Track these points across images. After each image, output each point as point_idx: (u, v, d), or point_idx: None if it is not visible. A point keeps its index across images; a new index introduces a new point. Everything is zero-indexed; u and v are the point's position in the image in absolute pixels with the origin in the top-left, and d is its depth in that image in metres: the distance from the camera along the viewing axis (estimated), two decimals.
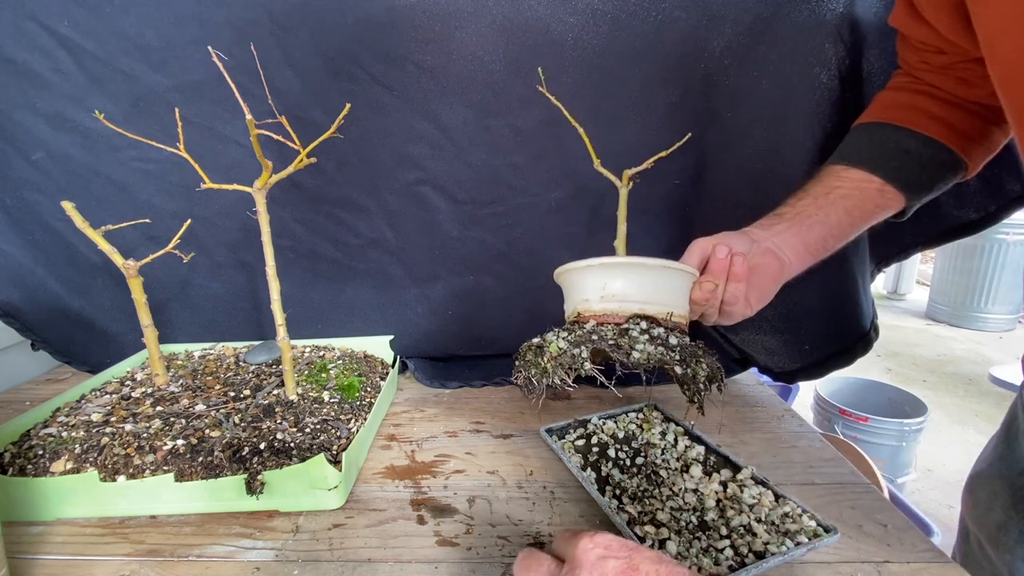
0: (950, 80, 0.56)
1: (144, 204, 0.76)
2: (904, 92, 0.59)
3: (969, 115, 0.56)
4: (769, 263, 0.53)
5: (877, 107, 0.61)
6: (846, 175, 0.57)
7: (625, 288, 0.49)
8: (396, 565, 0.46)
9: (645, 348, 0.46)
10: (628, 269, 0.49)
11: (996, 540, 0.59)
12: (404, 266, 0.82)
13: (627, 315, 0.49)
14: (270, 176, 0.58)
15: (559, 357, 0.47)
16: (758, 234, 0.55)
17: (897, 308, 4.04)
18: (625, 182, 0.58)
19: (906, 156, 0.56)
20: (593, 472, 0.56)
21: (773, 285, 0.53)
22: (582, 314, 0.51)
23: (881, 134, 0.59)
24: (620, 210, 0.57)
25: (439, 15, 0.67)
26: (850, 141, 0.61)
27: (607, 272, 0.50)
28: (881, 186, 0.56)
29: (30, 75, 0.69)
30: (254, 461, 0.54)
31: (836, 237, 0.56)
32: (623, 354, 0.45)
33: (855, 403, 1.86)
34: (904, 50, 0.59)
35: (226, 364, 0.76)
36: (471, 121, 0.72)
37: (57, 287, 0.81)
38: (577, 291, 0.52)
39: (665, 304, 0.49)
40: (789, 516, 0.50)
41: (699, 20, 0.66)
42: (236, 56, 0.61)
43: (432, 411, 0.75)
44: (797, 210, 0.57)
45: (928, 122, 0.56)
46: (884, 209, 0.57)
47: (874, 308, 0.78)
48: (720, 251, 0.51)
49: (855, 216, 0.56)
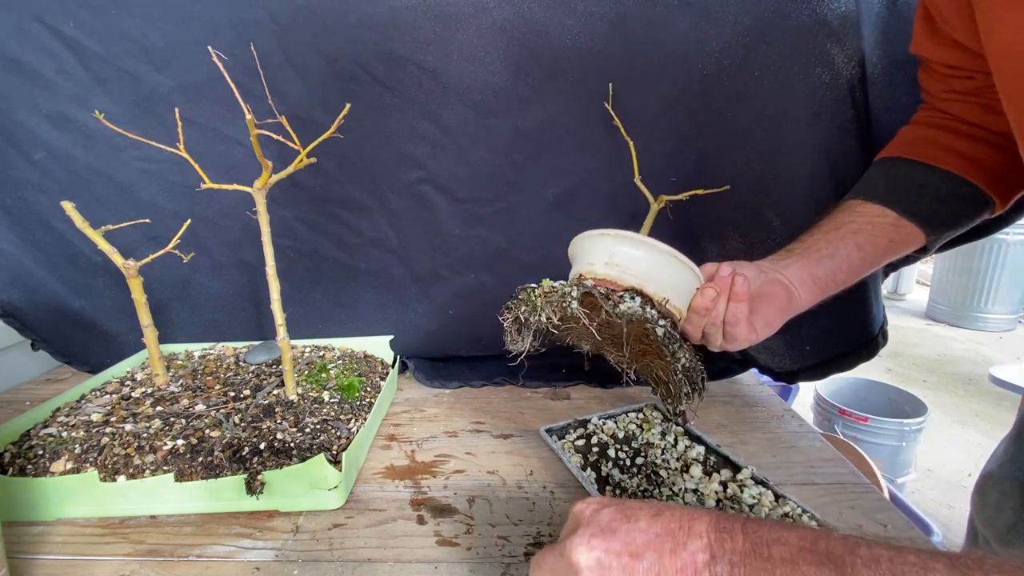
0: (976, 109, 0.54)
1: (145, 204, 0.76)
2: (925, 127, 0.59)
3: (994, 149, 0.55)
4: (777, 292, 0.53)
5: (899, 142, 0.60)
6: (860, 210, 0.57)
7: (629, 260, 0.50)
8: (396, 565, 0.46)
9: (633, 305, 0.47)
10: (638, 244, 0.51)
11: (1006, 541, 0.59)
12: (405, 265, 0.82)
13: (625, 285, 0.50)
14: (270, 176, 0.58)
15: (549, 293, 0.48)
16: (767, 266, 0.55)
17: (897, 308, 4.04)
18: (659, 202, 0.64)
19: (923, 191, 0.55)
20: (593, 472, 0.56)
21: (780, 315, 0.53)
22: (584, 275, 0.52)
23: (898, 169, 0.58)
24: (647, 221, 0.63)
25: (440, 16, 0.67)
26: (868, 176, 0.60)
27: (618, 241, 0.51)
28: (896, 220, 0.55)
29: (33, 75, 0.69)
30: (254, 461, 0.54)
31: (847, 271, 0.56)
32: (611, 304, 0.46)
33: (855, 403, 1.86)
34: (928, 80, 0.58)
35: (226, 364, 0.76)
36: (472, 121, 0.72)
37: (57, 287, 0.81)
38: (585, 255, 0.53)
39: (664, 289, 0.50)
40: (789, 516, 0.50)
41: (698, 21, 0.66)
42: (238, 56, 0.61)
43: (432, 411, 0.75)
44: (807, 245, 0.56)
45: (947, 156, 0.55)
46: (901, 244, 0.56)
47: (884, 314, 0.78)
48: (724, 269, 0.52)
49: (867, 251, 0.55)
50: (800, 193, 0.72)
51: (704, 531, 0.31)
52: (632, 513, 0.33)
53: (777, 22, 0.66)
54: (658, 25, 0.67)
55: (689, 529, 0.31)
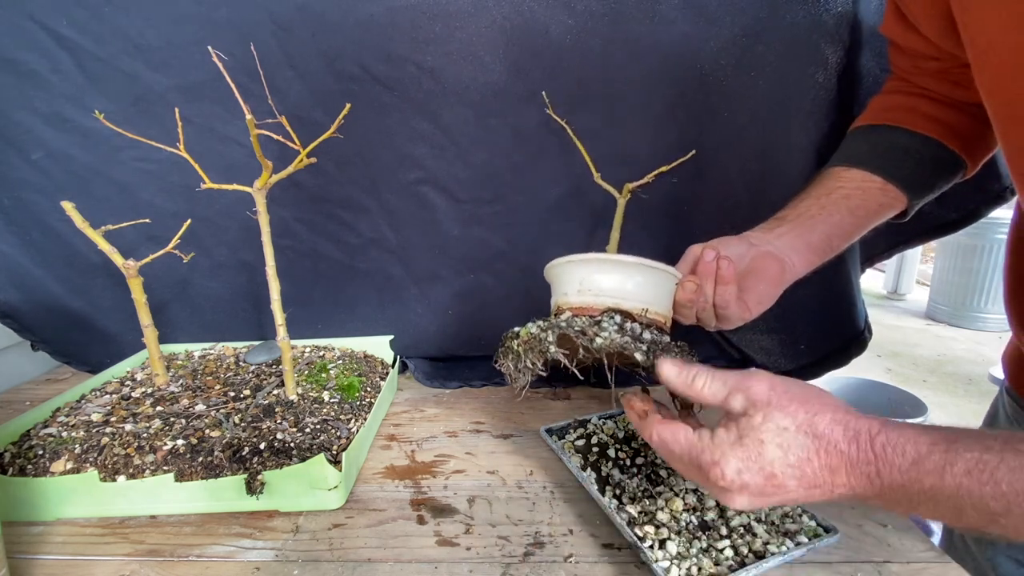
0: (944, 84, 0.56)
1: (144, 204, 0.76)
2: (899, 95, 0.59)
3: (965, 115, 0.56)
4: (768, 266, 0.53)
5: (873, 110, 0.61)
6: (847, 175, 0.57)
7: (602, 282, 0.51)
8: (396, 565, 0.46)
9: (610, 335, 0.47)
10: (604, 264, 0.51)
11: (979, 537, 0.59)
12: (404, 265, 0.82)
13: (602, 308, 0.50)
14: (270, 176, 0.58)
15: (529, 341, 0.49)
16: (758, 237, 0.55)
17: (897, 308, 4.04)
18: (624, 194, 0.61)
19: (905, 155, 0.56)
20: (593, 472, 0.56)
21: (774, 288, 0.53)
22: (560, 307, 0.53)
23: (879, 135, 0.59)
24: (616, 219, 0.60)
25: (440, 16, 0.67)
26: (848, 143, 0.61)
27: (586, 267, 0.51)
28: (883, 185, 0.56)
29: (30, 75, 0.69)
30: (254, 461, 0.54)
31: (841, 236, 0.56)
32: (587, 340, 0.47)
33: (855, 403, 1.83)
34: (896, 56, 0.59)
35: (226, 364, 0.76)
36: (471, 121, 0.72)
37: (57, 287, 0.81)
38: (559, 285, 0.54)
39: (641, 301, 0.50)
40: (789, 516, 0.50)
41: (697, 21, 0.66)
42: (237, 56, 0.61)
43: (432, 411, 0.75)
44: (799, 211, 0.56)
45: (925, 122, 0.56)
46: (887, 208, 0.57)
47: (865, 307, 0.79)
48: (707, 254, 0.51)
49: (859, 215, 0.56)
50: (795, 192, 0.72)
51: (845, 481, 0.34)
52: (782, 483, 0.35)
53: (774, 22, 0.66)
54: (658, 24, 0.67)
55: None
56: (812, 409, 0.35)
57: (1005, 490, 0.29)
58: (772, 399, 0.36)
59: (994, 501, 0.29)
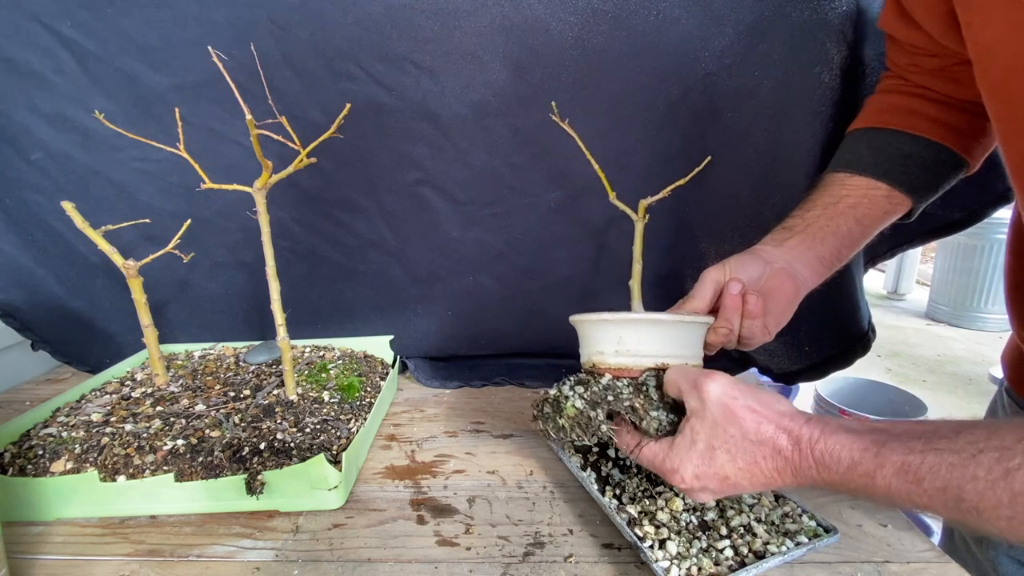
0: (942, 82, 0.55)
1: (144, 204, 0.76)
2: (897, 95, 0.59)
3: (965, 114, 0.55)
4: (784, 286, 0.53)
5: (871, 111, 0.61)
6: (851, 183, 0.57)
7: (639, 343, 0.49)
8: (396, 565, 0.46)
9: (658, 416, 0.46)
10: (641, 325, 0.50)
11: (980, 537, 0.59)
12: (403, 267, 0.82)
13: (642, 369, 0.49)
14: (270, 176, 0.58)
15: (576, 418, 0.48)
16: (770, 252, 0.54)
17: (897, 308, 4.04)
18: (641, 214, 0.56)
19: (909, 161, 0.56)
20: (593, 472, 0.56)
21: (790, 307, 0.53)
22: (597, 365, 0.51)
23: (881, 140, 0.58)
24: (636, 246, 0.55)
25: (438, 14, 0.67)
26: (849, 147, 0.60)
27: (621, 328, 0.50)
28: (888, 192, 0.56)
29: (31, 75, 0.69)
30: (254, 461, 0.54)
31: (849, 246, 0.56)
32: (636, 418, 0.46)
33: (855, 403, 1.85)
34: (894, 52, 0.59)
35: (226, 364, 0.76)
36: (470, 121, 0.72)
37: (57, 287, 0.81)
38: (592, 342, 0.52)
39: (680, 356, 0.50)
40: (789, 516, 0.50)
41: (700, 19, 0.66)
42: (236, 56, 0.61)
43: (432, 411, 0.75)
44: (807, 222, 0.56)
45: (927, 125, 0.56)
46: (892, 214, 0.57)
47: (868, 308, 0.78)
48: (733, 287, 0.51)
49: (865, 224, 0.56)
50: (799, 193, 0.72)
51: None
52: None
53: (778, 21, 0.65)
54: (661, 22, 0.66)
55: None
56: (759, 416, 0.39)
57: (927, 488, 0.32)
58: (724, 401, 0.40)
59: (919, 499, 0.33)
